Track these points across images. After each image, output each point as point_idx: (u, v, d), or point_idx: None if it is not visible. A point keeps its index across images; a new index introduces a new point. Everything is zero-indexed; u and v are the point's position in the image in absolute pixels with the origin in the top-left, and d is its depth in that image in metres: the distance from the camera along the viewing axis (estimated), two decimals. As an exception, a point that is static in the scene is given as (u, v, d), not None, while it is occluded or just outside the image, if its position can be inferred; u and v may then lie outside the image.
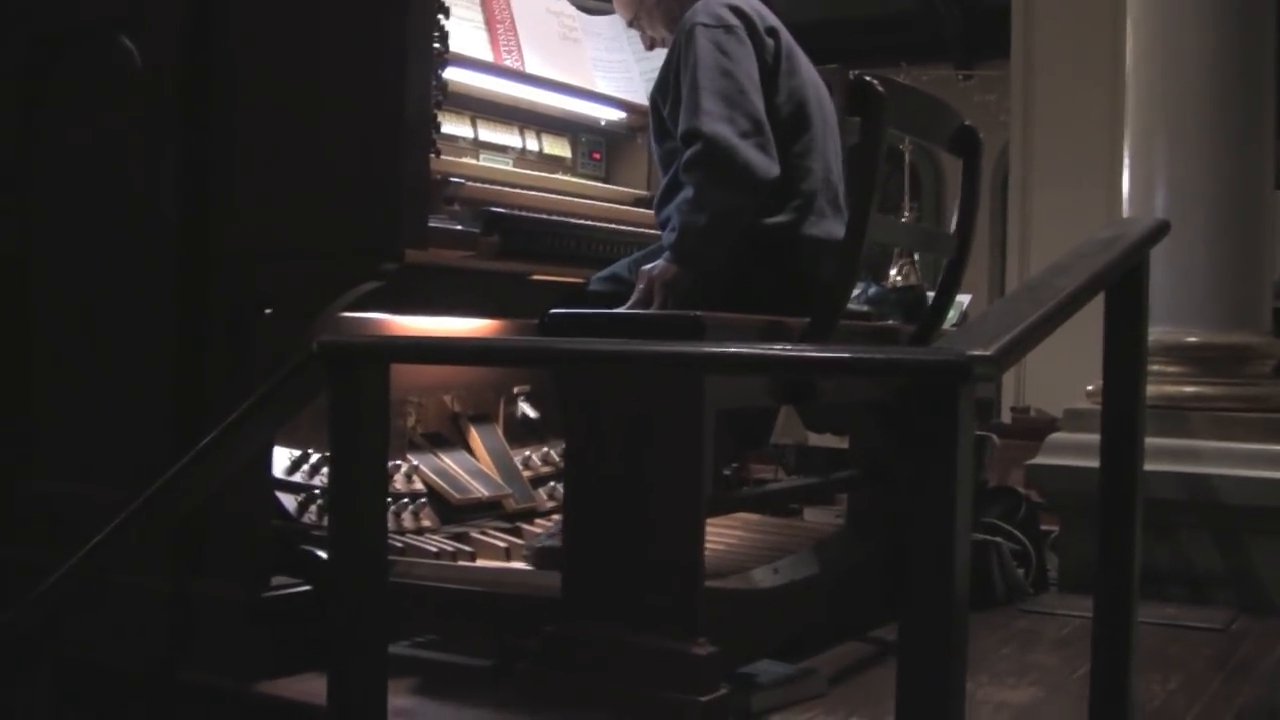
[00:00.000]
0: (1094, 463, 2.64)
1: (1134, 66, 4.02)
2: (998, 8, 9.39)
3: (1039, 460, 3.87)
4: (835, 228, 2.95)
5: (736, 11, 2.91)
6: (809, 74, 3.04)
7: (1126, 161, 4.02)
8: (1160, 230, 2.97)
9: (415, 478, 3.29)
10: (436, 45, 2.83)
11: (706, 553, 2.53)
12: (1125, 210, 4.01)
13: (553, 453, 3.67)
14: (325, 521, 2.87)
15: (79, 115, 3.10)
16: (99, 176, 3.04)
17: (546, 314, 2.61)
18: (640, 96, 3.80)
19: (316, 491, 3.00)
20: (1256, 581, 3.59)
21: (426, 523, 3.23)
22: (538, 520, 3.42)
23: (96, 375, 3.01)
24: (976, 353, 1.53)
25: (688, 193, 2.80)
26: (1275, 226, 4.15)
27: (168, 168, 2.88)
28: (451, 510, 3.33)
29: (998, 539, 3.58)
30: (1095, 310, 2.78)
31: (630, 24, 3.25)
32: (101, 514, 2.39)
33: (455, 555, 3.04)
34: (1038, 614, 3.44)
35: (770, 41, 2.94)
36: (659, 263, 2.83)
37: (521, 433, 3.74)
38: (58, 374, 3.11)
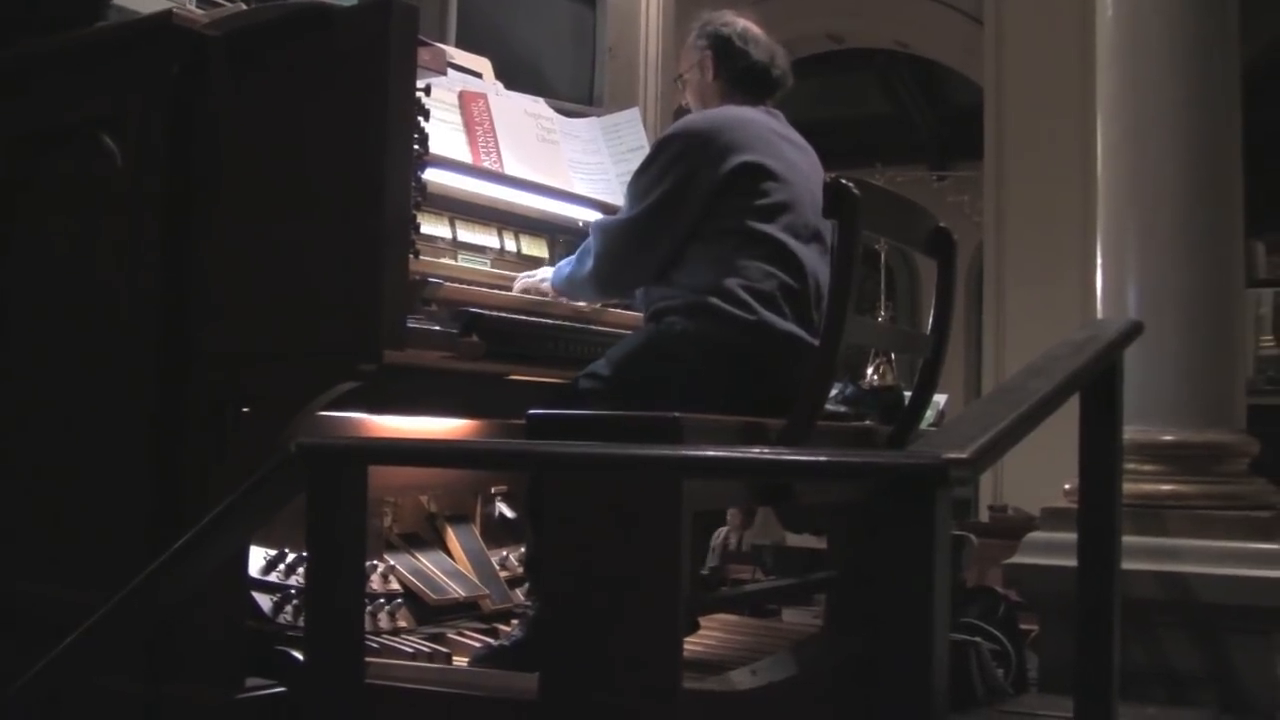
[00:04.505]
0: (1073, 562, 2.65)
1: (1105, 165, 4.07)
2: (970, 110, 9.53)
3: (1017, 559, 3.87)
4: (814, 329, 3.00)
5: (705, 135, 3.12)
6: (799, 188, 3.15)
7: (1099, 259, 4.06)
8: (1133, 331, 3.01)
9: (392, 578, 3.27)
10: (416, 147, 2.86)
11: (684, 654, 2.51)
12: (1099, 308, 4.03)
13: (530, 553, 3.66)
14: (301, 622, 2.85)
15: (60, 213, 3.11)
16: (78, 275, 3.04)
17: (527, 414, 2.62)
18: (617, 198, 3.83)
19: (293, 592, 2.98)
20: (1237, 681, 3.57)
21: (403, 623, 3.21)
22: (514, 621, 3.40)
23: (69, 474, 2.99)
24: (952, 455, 1.54)
25: (582, 268, 3.22)
26: (1247, 323, 4.18)
27: (148, 266, 2.89)
28: (428, 611, 3.30)
29: (976, 639, 3.56)
30: (1074, 406, 2.80)
31: (677, 79, 3.54)
32: (71, 615, 2.36)
33: (432, 656, 3.01)
34: (1018, 714, 3.42)
35: (726, 166, 3.08)
36: (543, 276, 3.39)
37: (499, 533, 3.73)
38: (29, 472, 3.09)
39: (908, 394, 3.48)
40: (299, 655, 2.71)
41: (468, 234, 3.62)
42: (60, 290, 3.08)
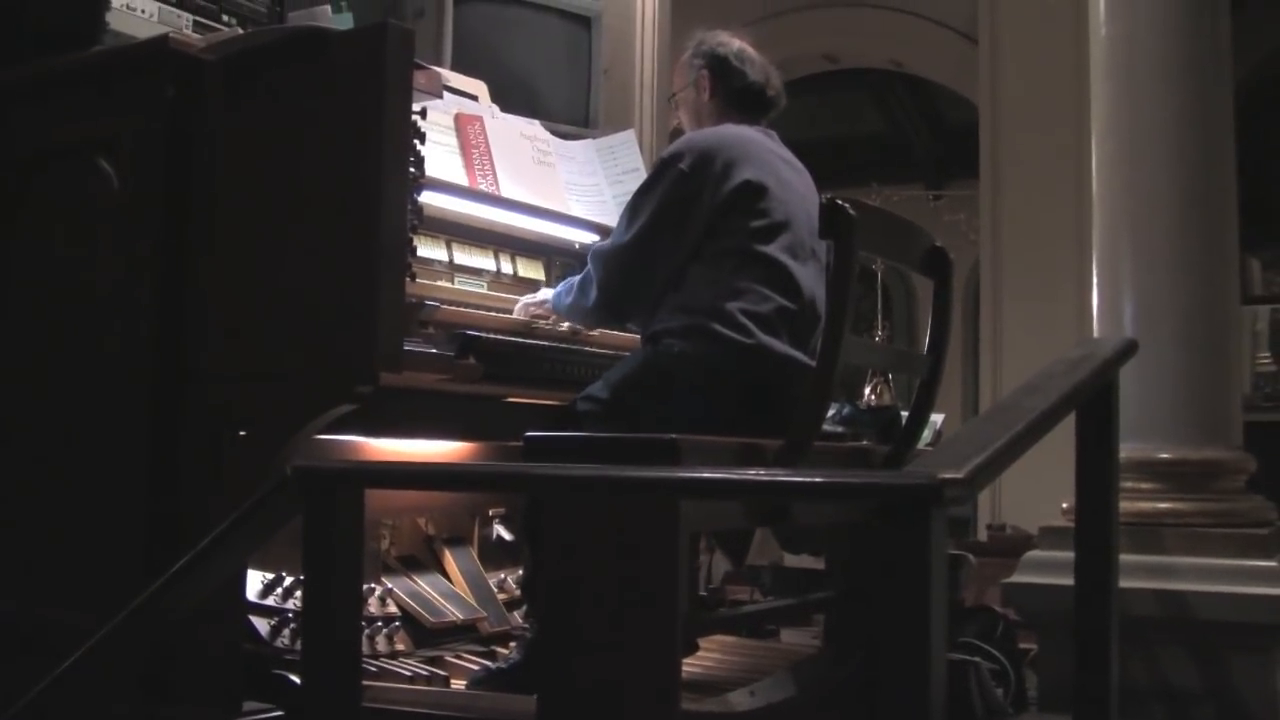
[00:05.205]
0: (1071, 580, 2.64)
1: (1100, 182, 4.07)
2: (966, 128, 9.54)
3: (1015, 579, 3.86)
4: (812, 350, 3.01)
5: (709, 152, 3.11)
6: (795, 206, 3.14)
7: (1094, 276, 4.06)
8: (1129, 349, 3.01)
9: (389, 601, 3.27)
10: (412, 170, 2.87)
11: (683, 676, 2.51)
12: (1094, 325, 4.04)
13: (528, 575, 3.65)
14: (298, 646, 2.84)
15: (55, 235, 3.11)
16: (74, 296, 3.04)
17: (524, 437, 2.62)
18: (613, 219, 3.83)
19: (290, 615, 2.97)
20: (1236, 698, 3.57)
21: (401, 646, 3.20)
22: (512, 644, 3.39)
23: (65, 496, 2.99)
24: (948, 475, 1.54)
25: (585, 298, 3.19)
26: (1243, 340, 4.17)
27: (143, 288, 2.89)
28: (426, 634, 3.30)
29: (975, 659, 3.56)
30: (1072, 424, 2.80)
31: (671, 97, 3.59)
32: (67, 637, 2.36)
33: (429, 679, 3.01)
34: (1017, 734, 3.42)
35: (730, 185, 3.08)
36: (544, 299, 3.39)
37: (496, 555, 3.72)
38: (23, 493, 3.08)
39: (905, 413, 3.48)
40: (296, 679, 2.71)
41: (464, 257, 3.62)
42: (56, 311, 3.07)
